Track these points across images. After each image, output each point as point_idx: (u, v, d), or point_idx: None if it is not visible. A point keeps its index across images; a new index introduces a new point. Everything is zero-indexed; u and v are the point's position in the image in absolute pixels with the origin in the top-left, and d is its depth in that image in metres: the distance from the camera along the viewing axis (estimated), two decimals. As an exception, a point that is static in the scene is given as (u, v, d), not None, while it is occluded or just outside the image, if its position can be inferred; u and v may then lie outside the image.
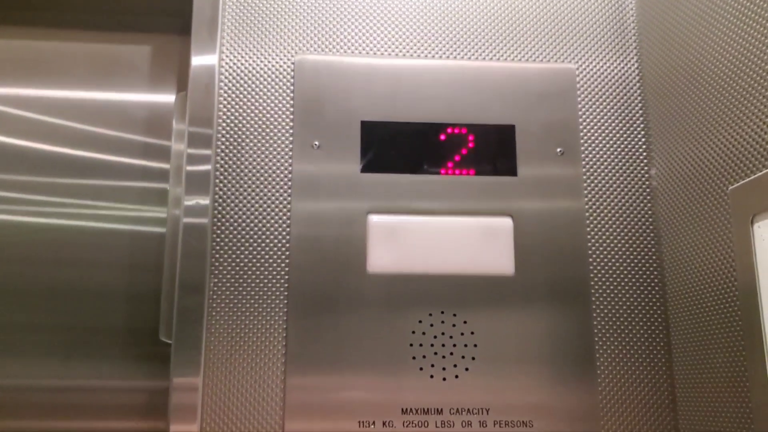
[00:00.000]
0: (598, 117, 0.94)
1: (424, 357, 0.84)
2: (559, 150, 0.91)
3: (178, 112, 0.90)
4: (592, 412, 0.84)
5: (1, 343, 0.90)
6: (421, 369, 0.84)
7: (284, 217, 0.87)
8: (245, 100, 0.90)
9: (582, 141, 0.92)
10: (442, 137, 0.90)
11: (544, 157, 0.91)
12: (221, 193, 0.87)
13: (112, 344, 0.91)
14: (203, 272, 0.83)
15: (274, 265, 0.85)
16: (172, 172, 0.89)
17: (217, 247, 0.85)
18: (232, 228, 0.86)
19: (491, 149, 0.90)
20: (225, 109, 0.89)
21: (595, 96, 0.94)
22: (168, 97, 0.98)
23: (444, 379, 0.84)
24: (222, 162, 0.88)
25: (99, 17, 0.99)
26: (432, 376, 0.84)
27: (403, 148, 0.89)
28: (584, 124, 0.93)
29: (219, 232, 0.86)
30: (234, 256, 0.85)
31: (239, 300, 0.84)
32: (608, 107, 0.94)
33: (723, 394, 0.73)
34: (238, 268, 0.85)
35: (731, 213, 0.70)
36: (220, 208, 0.87)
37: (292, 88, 0.91)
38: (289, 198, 0.87)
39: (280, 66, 0.91)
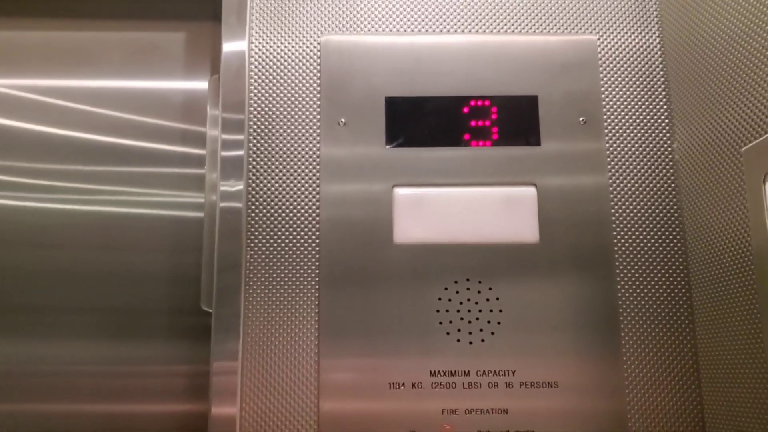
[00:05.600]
0: (620, 87, 0.95)
1: (450, 322, 0.87)
2: (581, 119, 0.93)
3: (212, 98, 0.95)
4: (616, 372, 0.87)
5: (51, 326, 0.94)
6: (447, 334, 0.87)
7: (314, 192, 0.91)
8: (274, 83, 0.94)
9: (604, 110, 0.94)
10: (466, 110, 0.93)
11: (567, 126, 0.93)
12: (254, 177, 0.91)
13: (155, 324, 0.95)
14: (239, 254, 0.88)
15: (305, 240, 0.90)
16: (208, 157, 0.93)
17: (252, 229, 0.90)
18: (264, 210, 0.90)
19: (514, 120, 0.93)
20: (255, 94, 0.94)
21: (617, 66, 0.95)
22: (202, 84, 1.02)
23: (470, 343, 0.87)
24: (254, 146, 0.92)
25: (133, 5, 1.03)
26: (459, 341, 0.87)
27: (427, 121, 0.92)
28: (606, 93, 0.94)
29: (253, 215, 0.90)
30: (267, 236, 0.90)
31: (273, 278, 0.89)
32: (630, 78, 0.95)
33: (743, 355, 0.75)
34: (271, 248, 0.89)
35: (744, 173, 0.72)
36: (253, 192, 0.91)
37: (318, 68, 0.94)
38: (318, 174, 0.91)
39: (307, 47, 0.95)
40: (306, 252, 0.89)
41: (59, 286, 0.95)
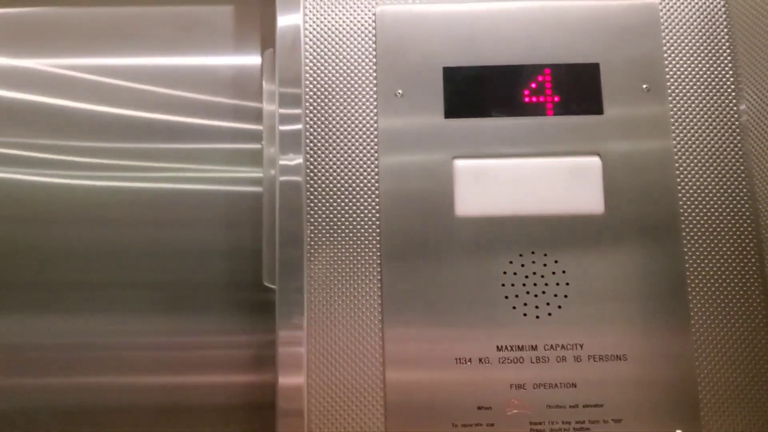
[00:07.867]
0: (684, 51, 0.92)
1: (516, 296, 0.86)
2: (645, 86, 0.90)
3: (267, 72, 0.93)
4: (685, 344, 0.85)
5: (112, 301, 0.95)
6: (514, 308, 0.86)
7: (372, 165, 0.89)
8: (329, 55, 0.92)
9: (668, 76, 0.91)
10: (526, 78, 0.90)
11: (631, 93, 0.90)
12: (311, 151, 0.90)
13: (214, 298, 0.95)
14: (301, 227, 0.87)
15: (366, 213, 0.88)
16: (266, 132, 0.92)
17: (311, 204, 0.89)
18: (323, 184, 0.89)
19: (576, 88, 0.90)
20: (311, 67, 0.92)
21: (680, 30, 0.92)
22: (253, 59, 1.01)
23: (537, 317, 0.85)
24: (311, 120, 0.91)
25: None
26: (525, 315, 0.85)
27: (486, 91, 0.90)
28: (669, 59, 0.91)
29: (312, 189, 0.89)
30: (327, 210, 0.88)
31: (335, 252, 0.88)
32: (694, 41, 0.92)
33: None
34: (332, 222, 0.88)
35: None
36: (311, 166, 0.89)
37: (374, 39, 0.92)
38: (376, 147, 0.90)
39: (362, 18, 0.93)
40: (367, 225, 0.88)
41: (117, 263, 0.95)
